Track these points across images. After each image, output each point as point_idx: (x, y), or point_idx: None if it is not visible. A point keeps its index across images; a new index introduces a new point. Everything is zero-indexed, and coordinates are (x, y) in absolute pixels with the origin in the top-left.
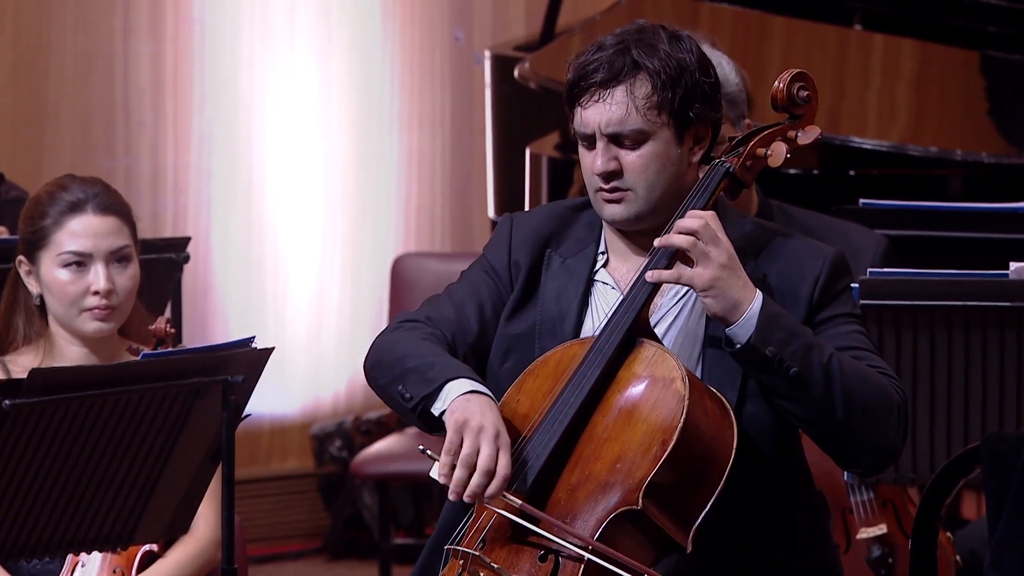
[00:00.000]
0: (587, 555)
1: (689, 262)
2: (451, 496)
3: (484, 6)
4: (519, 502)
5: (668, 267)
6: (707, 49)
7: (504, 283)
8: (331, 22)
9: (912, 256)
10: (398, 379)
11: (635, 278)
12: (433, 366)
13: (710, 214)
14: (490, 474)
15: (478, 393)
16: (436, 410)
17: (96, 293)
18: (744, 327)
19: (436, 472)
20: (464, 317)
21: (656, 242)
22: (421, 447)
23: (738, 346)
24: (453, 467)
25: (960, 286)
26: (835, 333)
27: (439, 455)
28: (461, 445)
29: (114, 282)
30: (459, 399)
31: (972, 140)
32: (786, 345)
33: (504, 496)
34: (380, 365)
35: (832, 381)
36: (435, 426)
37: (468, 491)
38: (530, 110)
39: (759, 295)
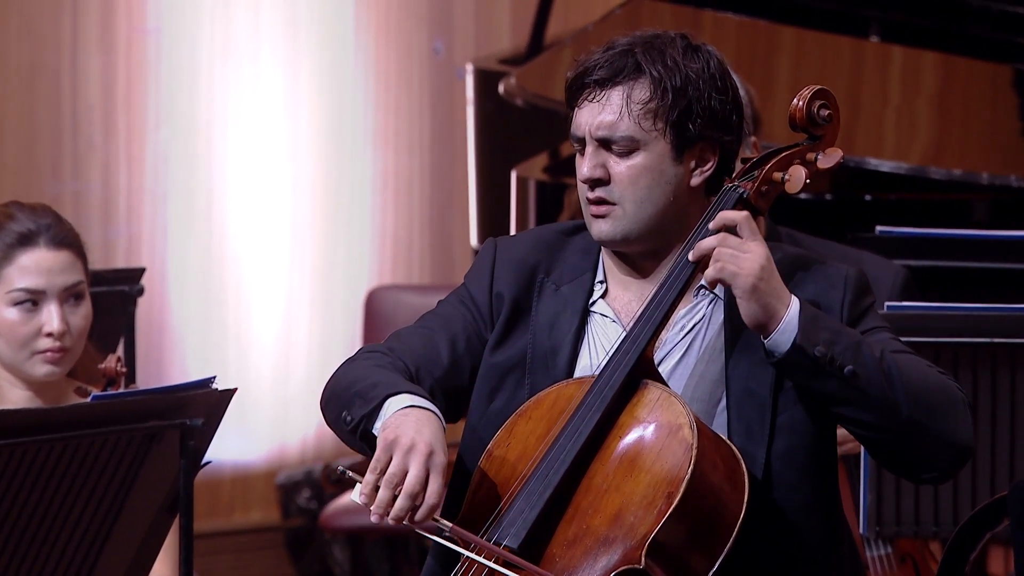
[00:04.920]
0: None
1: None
2: (373, 518)
3: (466, 15)
4: (494, 544)
5: (691, 278)
6: None
7: (483, 316)
8: (299, 32)
9: (934, 288)
10: (344, 406)
11: (640, 311)
12: (377, 385)
13: (743, 214)
14: (415, 497)
15: (419, 408)
16: (376, 429)
17: (49, 335)
18: (785, 332)
19: (357, 493)
20: (433, 349)
21: (690, 255)
22: (341, 467)
23: (784, 352)
24: (378, 488)
25: (985, 321)
26: (872, 342)
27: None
28: (389, 464)
29: (68, 322)
30: (396, 414)
31: (999, 162)
32: (834, 344)
33: (487, 546)
34: (331, 398)
35: (891, 376)
36: None
37: (392, 514)
38: (516, 129)
39: (795, 298)
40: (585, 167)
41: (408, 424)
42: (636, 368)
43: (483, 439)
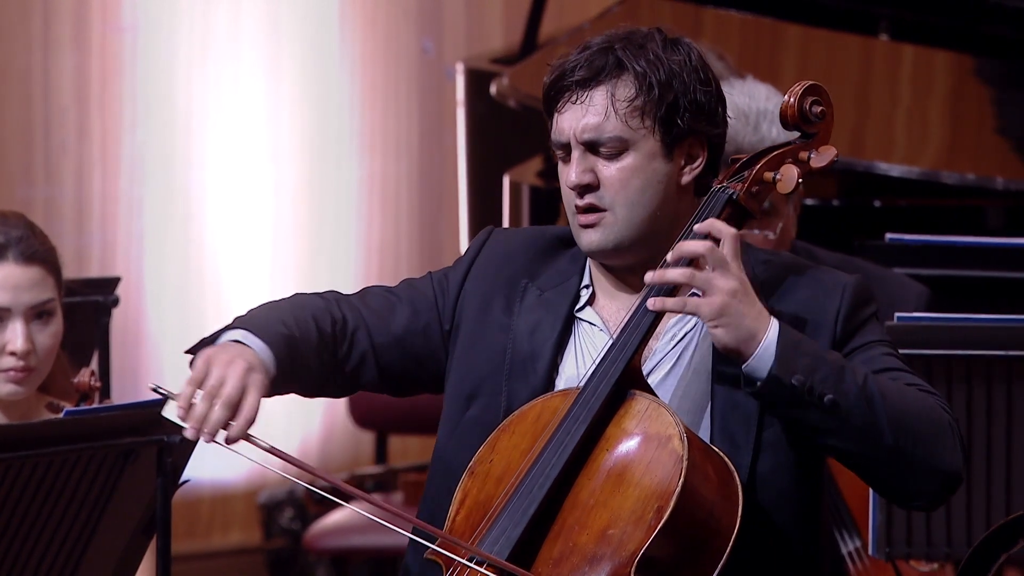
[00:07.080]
0: None
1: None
2: (187, 433)
3: (456, 13)
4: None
5: (671, 295)
6: (714, 64)
7: (448, 305)
8: (281, 30)
9: (946, 299)
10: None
11: (627, 318)
12: (241, 317)
13: (731, 231)
14: (232, 407)
15: (246, 346)
16: None
17: (12, 353)
18: (762, 359)
19: (174, 409)
20: (388, 317)
21: (647, 277)
22: (153, 385)
23: (759, 383)
24: (193, 404)
25: (1001, 333)
26: (864, 358)
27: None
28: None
29: (33, 341)
30: (222, 343)
31: (1015, 166)
32: (814, 372)
33: (478, 570)
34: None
35: (873, 404)
36: None
37: (207, 427)
38: (509, 132)
39: (775, 322)
40: (573, 173)
41: (231, 349)
42: (623, 378)
43: (458, 449)
